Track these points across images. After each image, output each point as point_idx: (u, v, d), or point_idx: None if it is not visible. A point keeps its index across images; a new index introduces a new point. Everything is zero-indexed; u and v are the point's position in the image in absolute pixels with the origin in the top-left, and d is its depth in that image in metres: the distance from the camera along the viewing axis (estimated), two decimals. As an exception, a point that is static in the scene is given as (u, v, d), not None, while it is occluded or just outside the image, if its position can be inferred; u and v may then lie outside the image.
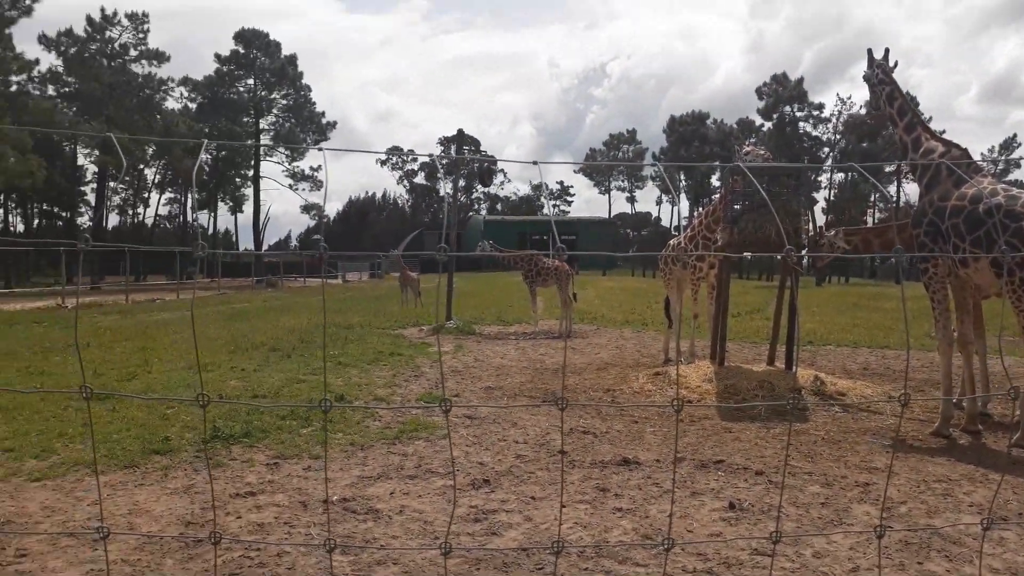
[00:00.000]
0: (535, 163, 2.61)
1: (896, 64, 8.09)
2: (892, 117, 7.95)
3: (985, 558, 4.21)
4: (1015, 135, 79.39)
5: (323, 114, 74.42)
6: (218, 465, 5.96)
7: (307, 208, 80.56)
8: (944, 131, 78.41)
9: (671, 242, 12.33)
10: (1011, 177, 60.63)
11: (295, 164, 72.68)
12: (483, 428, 7.31)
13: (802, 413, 8.08)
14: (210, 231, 76.85)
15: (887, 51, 8.15)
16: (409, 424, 7.30)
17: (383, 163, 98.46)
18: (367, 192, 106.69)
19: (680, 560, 4.21)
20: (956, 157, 7.28)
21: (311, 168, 72.64)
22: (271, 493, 5.33)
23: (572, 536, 4.63)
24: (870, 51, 8.26)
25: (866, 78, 8.35)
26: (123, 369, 10.46)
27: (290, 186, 74.50)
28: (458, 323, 16.91)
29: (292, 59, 71.91)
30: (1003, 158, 69.80)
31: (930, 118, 75.56)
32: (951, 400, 7.36)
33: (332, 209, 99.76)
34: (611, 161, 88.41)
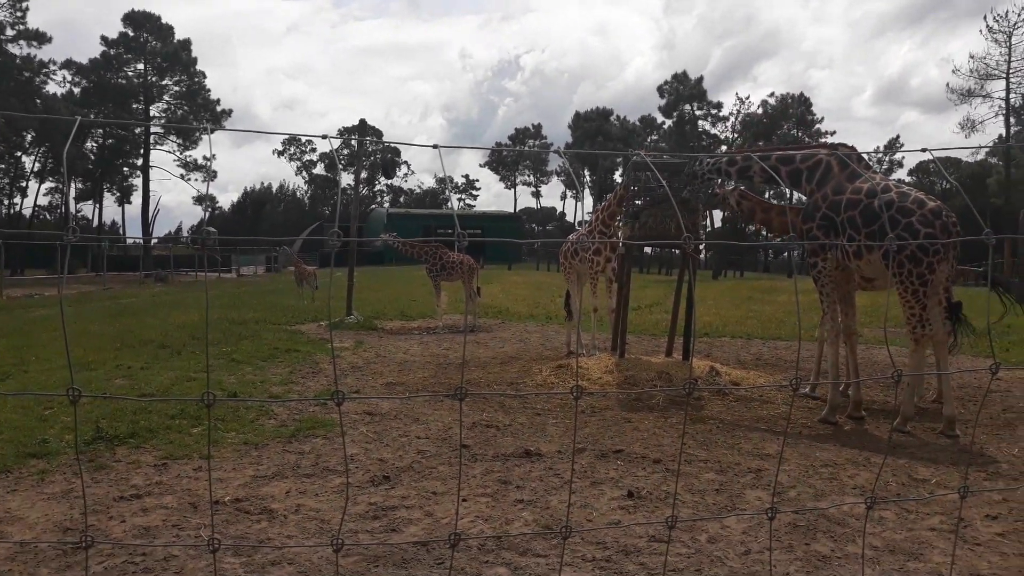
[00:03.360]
0: (435, 147, 2.54)
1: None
2: (764, 171, 8.23)
3: (867, 537, 4.41)
4: (898, 136, 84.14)
5: (218, 101, 71.75)
6: (101, 467, 5.64)
7: (200, 199, 77.61)
8: (835, 132, 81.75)
9: (571, 236, 12.45)
10: (894, 176, 64.19)
11: (187, 153, 69.77)
12: (384, 424, 7.19)
13: (698, 402, 8.29)
14: (95, 223, 73.03)
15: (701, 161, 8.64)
16: (306, 422, 7.11)
17: (280, 153, 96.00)
18: (263, 183, 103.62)
19: (580, 549, 4.23)
20: (842, 155, 7.61)
21: (205, 157, 69.94)
22: (159, 495, 5.08)
23: (473, 529, 4.59)
24: (692, 158, 8.70)
25: (698, 173, 8.75)
26: (-4, 369, 9.80)
27: (182, 176, 71.49)
28: (359, 318, 16.61)
29: (185, 43, 68.98)
30: (887, 157, 73.71)
31: (822, 119, 79.28)
32: (838, 388, 7.70)
33: (228, 200, 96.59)
34: (508, 147, 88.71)
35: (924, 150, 3.12)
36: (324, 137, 2.49)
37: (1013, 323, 16.71)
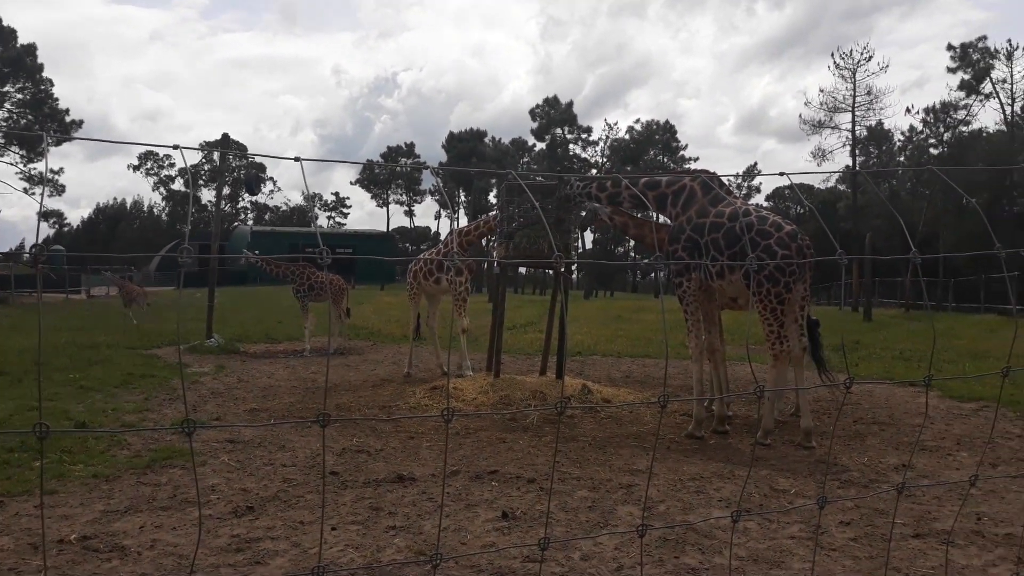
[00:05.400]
0: (296, 159, 2.41)
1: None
2: (633, 195, 8.50)
3: (733, 548, 4.53)
4: (756, 163, 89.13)
5: (67, 111, 67.41)
6: (-80, 510, 5.06)
7: (47, 215, 72.48)
8: (699, 158, 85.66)
9: (421, 256, 12.42)
10: (753, 200, 67.92)
11: (32, 165, 65.04)
12: (247, 452, 6.84)
13: (571, 420, 8.37)
14: (-75, 240, 66.82)
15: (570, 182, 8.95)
16: (162, 451, 6.67)
17: (136, 167, 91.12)
18: (115, 199, 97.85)
19: (454, 573, 4.14)
20: (706, 180, 7.93)
21: (52, 171, 65.43)
22: (-10, 538, 4.60)
23: (343, 558, 4.40)
24: (561, 177, 8.94)
25: (571, 196, 9.02)
26: None
27: (25, 190, 66.53)
28: (219, 341, 15.86)
29: (30, 49, 64.49)
30: (746, 182, 77.90)
31: (686, 145, 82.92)
32: (703, 403, 7.96)
33: (78, 216, 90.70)
34: (379, 163, 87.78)
35: (782, 174, 3.25)
36: (176, 148, 2.29)
37: (861, 340, 17.95)
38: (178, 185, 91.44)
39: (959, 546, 4.61)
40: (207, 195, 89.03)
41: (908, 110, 71.41)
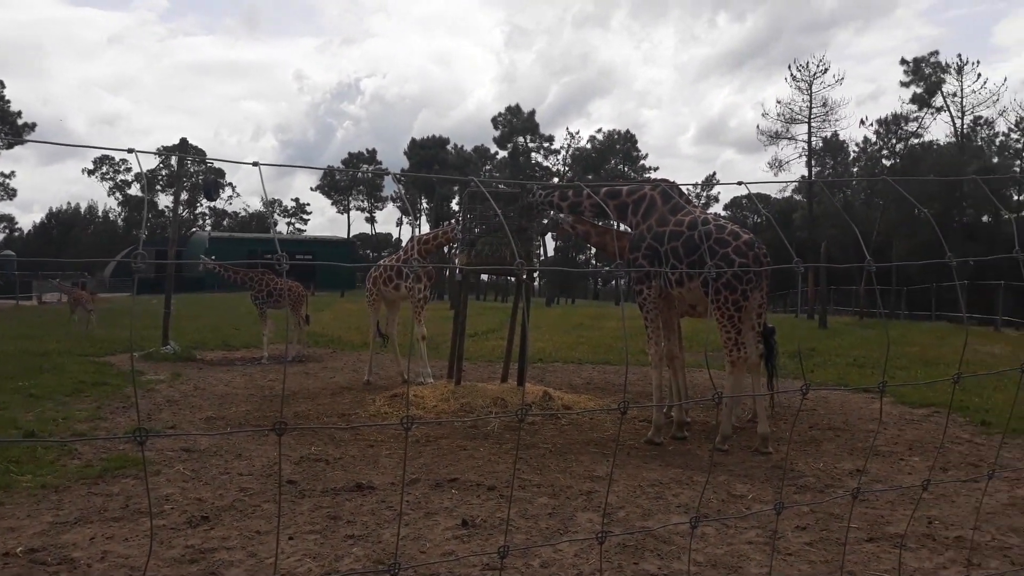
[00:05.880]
0: (255, 164, 2.37)
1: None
2: (594, 204, 8.58)
3: (691, 553, 4.57)
4: (715, 172, 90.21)
5: (19, 113, 65.85)
6: None
7: (-4, 220, 70.64)
8: (659, 168, 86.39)
9: (382, 262, 12.41)
10: (711, 209, 68.71)
11: (-18, 169, 63.44)
12: (203, 461, 6.71)
13: (532, 427, 8.37)
14: None
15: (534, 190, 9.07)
16: (115, 460, 6.52)
17: (91, 172, 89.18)
18: (69, 203, 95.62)
19: (413, 584, 4.10)
20: (666, 189, 8.03)
21: (3, 174, 63.88)
22: (-70, 552, 4.45)
23: (300, 569, 4.34)
24: (523, 186, 9.07)
25: (533, 204, 9.10)
26: None
27: (-26, 194, 64.85)
28: (175, 348, 15.58)
29: (-20, 50, 62.93)
30: (705, 192, 78.83)
31: (647, 155, 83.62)
32: (663, 410, 8.03)
33: (30, 221, 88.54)
34: (340, 169, 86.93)
35: (740, 183, 3.29)
36: (130, 151, 2.24)
37: (817, 347, 18.25)
38: (135, 190, 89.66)
39: (911, 549, 4.70)
40: (164, 200, 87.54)
41: (862, 122, 73.06)
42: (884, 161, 53.70)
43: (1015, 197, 49.78)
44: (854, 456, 7.25)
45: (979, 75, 49.06)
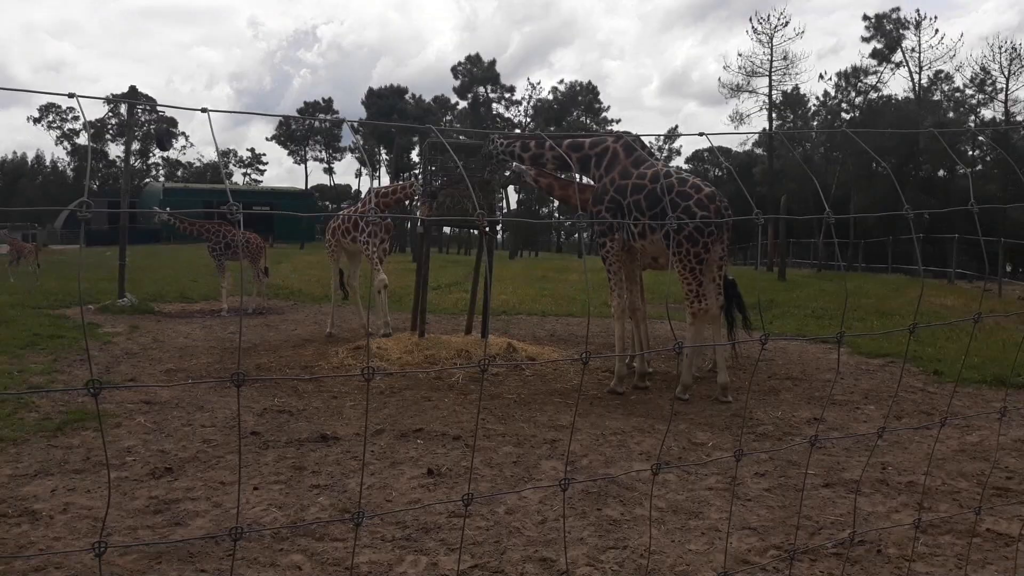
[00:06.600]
0: (204, 111, 2.28)
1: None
2: (557, 157, 8.47)
3: (653, 500, 4.66)
4: (677, 126, 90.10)
5: (-43, 59, 63.09)
6: None
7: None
8: (620, 120, 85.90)
9: (341, 214, 12.21)
10: (673, 163, 68.82)
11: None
12: (164, 413, 6.64)
13: (496, 378, 8.41)
14: None
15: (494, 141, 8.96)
16: (74, 413, 6.42)
17: (37, 120, 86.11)
18: (15, 152, 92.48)
19: (379, 530, 4.13)
20: (629, 142, 7.99)
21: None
22: None
23: (267, 518, 4.35)
24: (487, 135, 8.88)
25: (491, 153, 8.97)
26: None
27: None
28: (132, 300, 15.29)
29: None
30: (667, 145, 78.75)
31: (608, 107, 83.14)
32: (625, 360, 8.11)
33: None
34: (293, 116, 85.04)
35: (701, 134, 3.27)
36: (71, 96, 2.13)
37: (775, 298, 18.54)
38: (83, 139, 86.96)
39: (866, 494, 4.84)
40: (116, 150, 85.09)
41: (822, 76, 73.51)
42: (843, 115, 54.15)
43: (970, 152, 50.66)
44: (811, 405, 7.43)
45: (936, 30, 49.59)
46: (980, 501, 4.39)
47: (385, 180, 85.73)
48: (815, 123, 56.27)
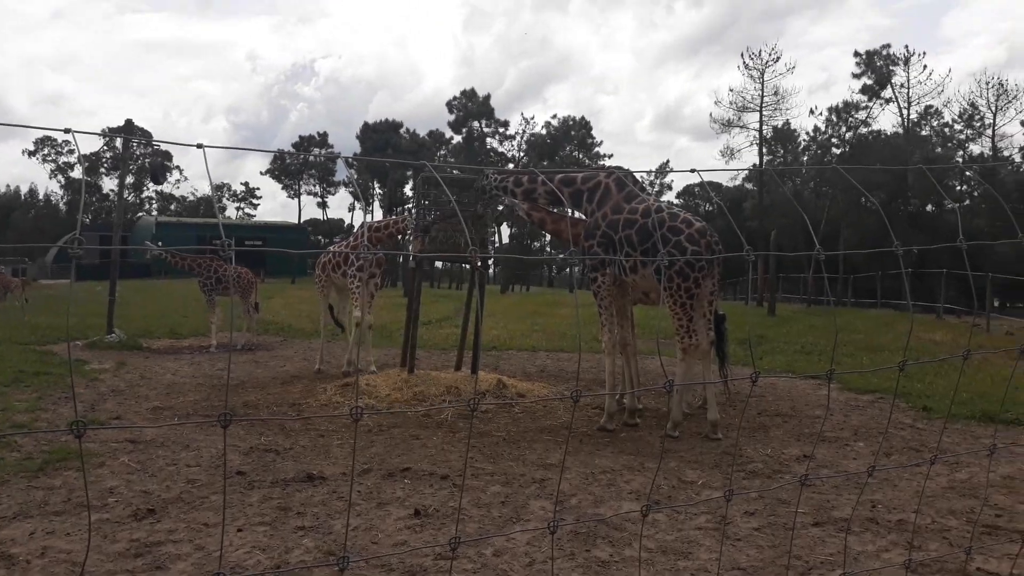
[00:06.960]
0: (199, 146, 2.30)
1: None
2: (549, 191, 8.55)
3: (642, 540, 4.61)
4: (668, 160, 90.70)
5: (-47, 93, 63.40)
6: None
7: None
8: (613, 155, 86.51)
9: (331, 249, 12.25)
10: (664, 197, 69.25)
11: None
12: (149, 452, 6.57)
13: (486, 416, 8.36)
14: None
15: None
16: (56, 453, 6.34)
17: (32, 153, 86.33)
18: (8, 186, 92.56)
19: (365, 573, 4.07)
20: (620, 177, 8.05)
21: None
22: None
23: (250, 561, 4.27)
24: (481, 170, 8.99)
25: (485, 188, 9.08)
26: None
27: (-92, 176, 62.30)
28: (121, 336, 15.21)
29: (-87, 26, 60.42)
30: (659, 180, 79.21)
31: (601, 142, 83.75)
32: (615, 397, 8.08)
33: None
34: (290, 152, 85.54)
35: (693, 171, 3.30)
36: (67, 131, 2.15)
37: (765, 334, 18.56)
38: (78, 173, 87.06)
39: (856, 533, 4.81)
40: (110, 184, 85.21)
41: (812, 111, 74.33)
42: (834, 150, 54.74)
43: (958, 187, 51.19)
44: (801, 442, 7.40)
45: (925, 66, 50.31)
46: (971, 540, 4.36)
47: (379, 214, 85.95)
48: (805, 158, 56.85)
